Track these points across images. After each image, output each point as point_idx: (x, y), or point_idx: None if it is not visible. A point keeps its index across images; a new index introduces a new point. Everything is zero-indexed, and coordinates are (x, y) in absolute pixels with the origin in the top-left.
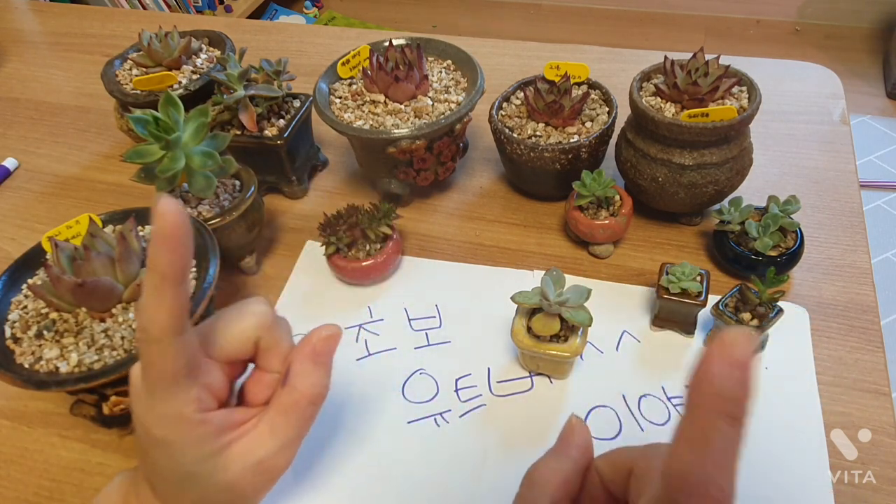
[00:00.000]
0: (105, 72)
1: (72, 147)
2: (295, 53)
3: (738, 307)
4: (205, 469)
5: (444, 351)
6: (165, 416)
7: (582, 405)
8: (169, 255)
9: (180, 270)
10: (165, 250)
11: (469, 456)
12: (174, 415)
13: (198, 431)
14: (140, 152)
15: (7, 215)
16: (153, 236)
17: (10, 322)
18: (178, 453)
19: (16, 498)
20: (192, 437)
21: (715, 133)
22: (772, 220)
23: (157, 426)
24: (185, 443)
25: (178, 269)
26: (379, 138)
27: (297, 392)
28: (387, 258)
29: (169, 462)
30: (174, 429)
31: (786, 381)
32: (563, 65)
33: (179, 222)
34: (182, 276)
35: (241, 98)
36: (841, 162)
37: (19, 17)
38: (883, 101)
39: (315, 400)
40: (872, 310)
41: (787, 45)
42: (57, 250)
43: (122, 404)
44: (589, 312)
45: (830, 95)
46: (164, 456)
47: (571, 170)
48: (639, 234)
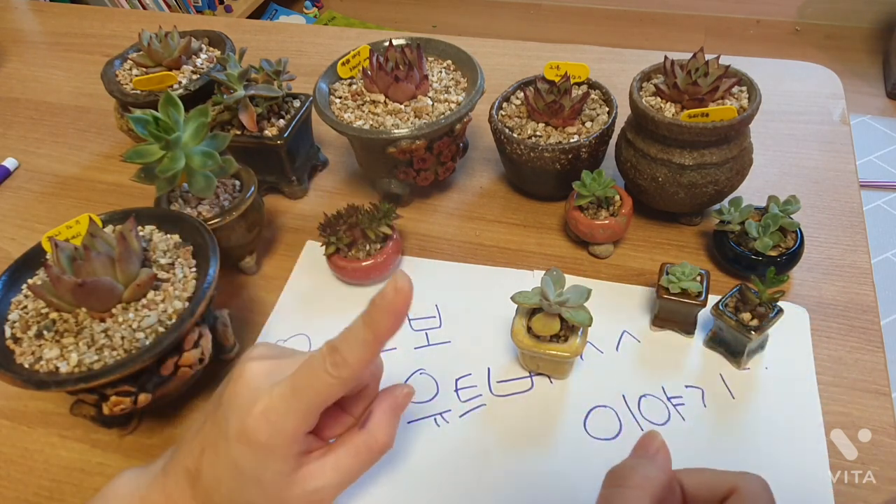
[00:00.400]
0: (105, 72)
1: (72, 147)
2: (295, 53)
3: (738, 307)
4: (275, 481)
5: (444, 351)
6: (284, 429)
7: (582, 405)
8: (391, 323)
9: (391, 337)
10: (390, 319)
11: (469, 456)
12: (292, 430)
13: (293, 448)
14: (140, 152)
15: (7, 215)
16: (384, 303)
17: (10, 322)
18: (267, 461)
19: (16, 498)
20: (287, 451)
21: (715, 133)
22: (772, 220)
23: (266, 432)
24: (280, 456)
25: (391, 336)
26: (379, 138)
27: (373, 439)
28: (387, 258)
29: (251, 465)
30: (282, 441)
31: (786, 381)
32: (563, 65)
33: (409, 299)
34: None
35: (241, 98)
36: (841, 162)
37: (19, 17)
38: (883, 101)
39: (384, 449)
40: (872, 310)
41: (787, 45)
42: (57, 250)
43: (122, 404)
44: (589, 312)
45: (830, 95)
46: (250, 458)
47: (571, 170)
48: (639, 234)
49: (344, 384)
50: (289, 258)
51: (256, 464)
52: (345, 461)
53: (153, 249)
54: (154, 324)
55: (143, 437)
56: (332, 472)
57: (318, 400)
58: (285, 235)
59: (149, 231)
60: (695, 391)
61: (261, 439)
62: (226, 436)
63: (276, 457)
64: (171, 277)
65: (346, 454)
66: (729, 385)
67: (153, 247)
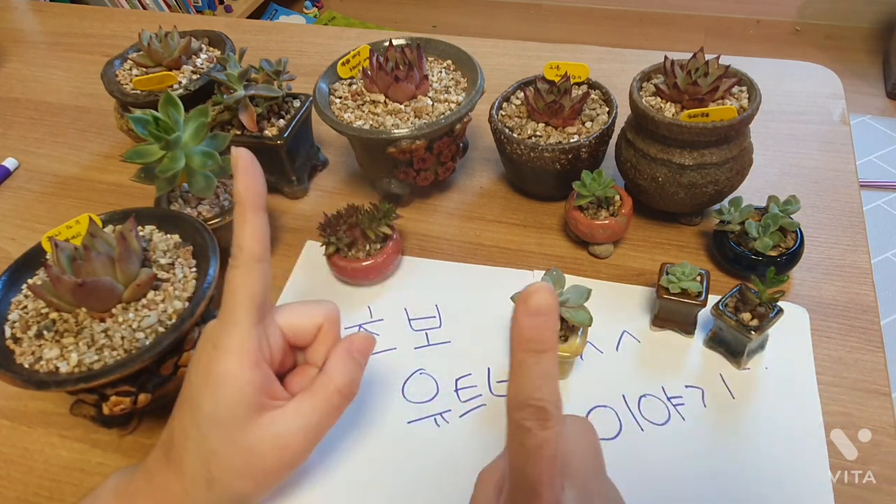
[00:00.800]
0: (105, 72)
1: (72, 147)
2: (295, 53)
3: (738, 307)
4: (235, 418)
5: (444, 351)
6: (227, 346)
7: (582, 405)
8: (245, 179)
9: (256, 195)
10: (242, 178)
11: (469, 456)
12: (236, 346)
13: (248, 375)
14: (140, 152)
15: (7, 215)
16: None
17: (10, 322)
18: (221, 391)
19: (16, 498)
20: (240, 378)
21: (715, 133)
22: (772, 220)
23: (213, 358)
24: (233, 380)
25: (254, 194)
26: (379, 138)
27: (328, 378)
28: (387, 258)
29: (209, 402)
30: (229, 361)
31: (786, 381)
32: (563, 65)
33: (250, 157)
34: (259, 202)
35: (241, 98)
36: (841, 162)
37: (19, 17)
38: (883, 101)
39: (343, 390)
40: (872, 310)
41: (787, 45)
42: (57, 250)
43: (122, 404)
44: (589, 312)
45: (830, 95)
46: (207, 395)
47: (571, 170)
48: (639, 234)
49: (248, 268)
50: (289, 258)
51: (213, 398)
52: (305, 403)
53: (153, 249)
54: (154, 324)
55: (143, 437)
56: (293, 416)
57: (237, 298)
58: (285, 235)
59: (149, 231)
60: (695, 391)
61: (211, 368)
62: (189, 383)
63: (229, 382)
64: (171, 277)
65: (305, 397)
66: (729, 385)
67: (153, 247)
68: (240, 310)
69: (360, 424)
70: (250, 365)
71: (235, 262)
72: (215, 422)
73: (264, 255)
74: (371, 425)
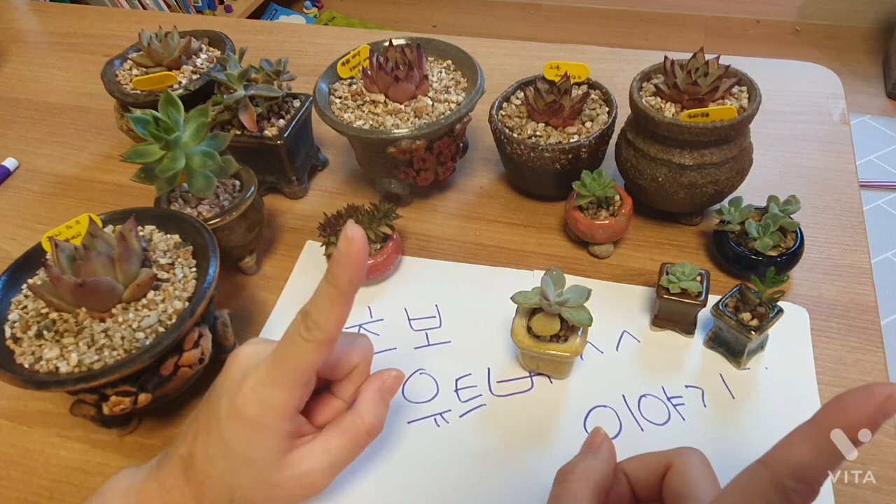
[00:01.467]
0: (105, 72)
1: (72, 147)
2: (295, 53)
3: (738, 307)
4: (265, 460)
5: (444, 351)
6: (271, 402)
7: (582, 405)
8: (350, 274)
9: (355, 289)
10: (348, 270)
11: (469, 456)
12: (280, 404)
13: (284, 426)
14: (140, 152)
15: (7, 215)
16: (339, 255)
17: (10, 322)
18: (257, 438)
19: (16, 498)
20: (277, 430)
21: (715, 133)
22: (772, 220)
23: (255, 407)
24: (270, 432)
25: (354, 288)
26: (379, 138)
27: (360, 419)
28: (387, 258)
29: (242, 443)
30: (271, 416)
31: (786, 381)
32: (563, 65)
33: (364, 249)
34: (354, 295)
35: (241, 98)
36: (841, 162)
37: (19, 17)
38: (883, 101)
39: (371, 431)
40: (872, 310)
41: (787, 45)
42: (57, 250)
43: (122, 404)
44: (589, 312)
45: (830, 95)
46: (240, 436)
47: (571, 170)
48: (639, 234)
49: (320, 347)
50: (289, 258)
51: (246, 442)
52: (334, 442)
53: (153, 249)
54: (154, 324)
55: (143, 437)
56: (322, 455)
57: (299, 367)
58: (285, 235)
59: (149, 231)
60: (695, 391)
61: (250, 414)
62: (218, 416)
63: (265, 433)
64: (171, 277)
65: (334, 435)
66: (729, 385)
67: (153, 247)
68: (296, 378)
69: None
70: (288, 418)
71: (310, 336)
72: (245, 461)
73: (337, 337)
74: None
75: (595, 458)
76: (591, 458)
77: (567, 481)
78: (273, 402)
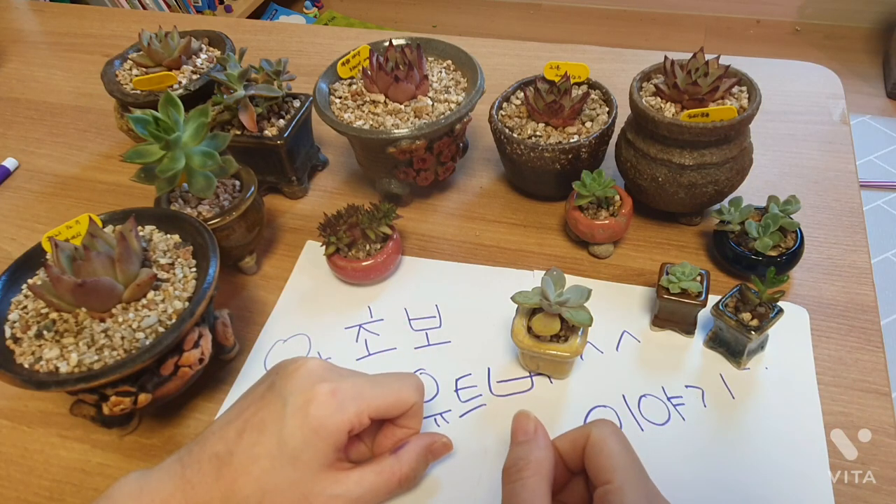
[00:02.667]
0: (105, 72)
1: (72, 147)
2: (295, 53)
3: (738, 307)
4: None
5: (444, 351)
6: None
7: (582, 405)
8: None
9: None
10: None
11: (469, 456)
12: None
13: (338, 438)
14: (140, 152)
15: (7, 215)
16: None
17: (10, 322)
18: (314, 439)
19: (16, 498)
20: (332, 437)
21: (715, 133)
22: (772, 220)
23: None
24: (328, 436)
25: None
26: (379, 138)
27: (399, 465)
28: (387, 258)
29: (298, 441)
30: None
31: (786, 381)
32: (563, 65)
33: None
34: None
35: (241, 98)
36: (841, 162)
37: (19, 17)
38: (883, 101)
39: (404, 481)
40: (872, 310)
41: (787, 45)
42: (57, 250)
43: (122, 404)
44: (589, 312)
45: (830, 95)
46: (299, 435)
47: (571, 170)
48: (639, 234)
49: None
50: (289, 258)
51: (304, 440)
52: (368, 477)
53: (153, 249)
54: (154, 324)
55: (143, 437)
56: (354, 484)
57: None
58: (285, 235)
59: (149, 231)
60: (695, 391)
61: (319, 415)
62: (282, 415)
63: (323, 435)
64: (171, 277)
65: (371, 472)
66: (729, 385)
67: (153, 247)
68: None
69: None
70: (347, 432)
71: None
72: (292, 460)
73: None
74: None
75: (540, 449)
76: (535, 449)
77: (522, 479)
78: (346, 410)
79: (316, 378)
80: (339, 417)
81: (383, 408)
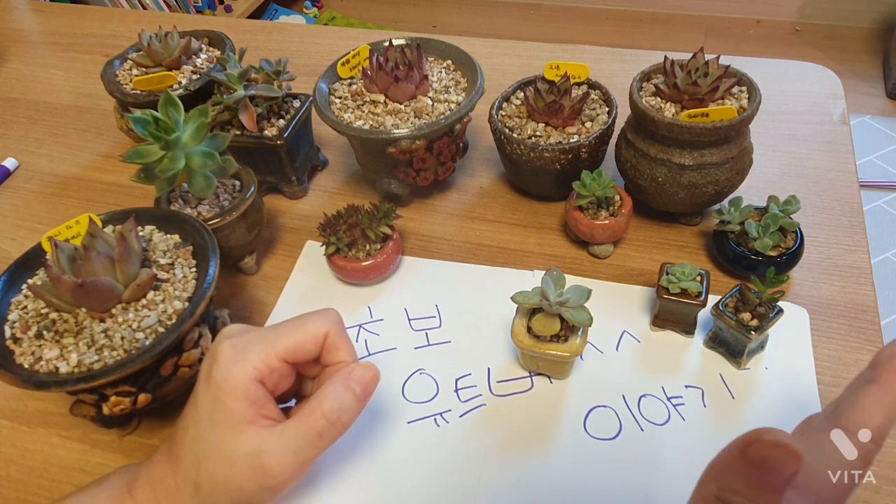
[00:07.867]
0: (105, 72)
1: (72, 147)
2: (295, 53)
3: (738, 307)
4: (227, 425)
5: (444, 351)
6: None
7: (582, 405)
8: None
9: None
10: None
11: (469, 456)
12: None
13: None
14: (140, 152)
15: (7, 215)
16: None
17: (10, 322)
18: (221, 396)
19: (16, 498)
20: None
21: (715, 133)
22: (772, 220)
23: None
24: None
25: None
26: (379, 138)
27: (316, 403)
28: (387, 258)
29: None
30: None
31: (786, 381)
32: (563, 65)
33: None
34: None
35: (241, 98)
36: (841, 162)
37: (19, 17)
38: (883, 101)
39: (330, 416)
40: (872, 310)
41: (787, 45)
42: (57, 250)
43: (122, 405)
44: (589, 312)
45: (830, 95)
46: (208, 397)
47: (571, 170)
48: (639, 234)
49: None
50: (289, 258)
51: (212, 400)
52: (290, 426)
53: (153, 249)
54: (154, 324)
55: (143, 437)
56: (276, 436)
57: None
58: (285, 235)
59: (149, 231)
60: (695, 391)
61: (222, 368)
62: (196, 384)
63: (227, 392)
64: (171, 277)
65: (293, 420)
66: (729, 385)
67: (153, 247)
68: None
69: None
70: (252, 379)
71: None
72: (211, 422)
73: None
74: (371, 425)
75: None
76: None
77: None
78: (249, 358)
79: (221, 338)
80: (241, 366)
81: (292, 346)
